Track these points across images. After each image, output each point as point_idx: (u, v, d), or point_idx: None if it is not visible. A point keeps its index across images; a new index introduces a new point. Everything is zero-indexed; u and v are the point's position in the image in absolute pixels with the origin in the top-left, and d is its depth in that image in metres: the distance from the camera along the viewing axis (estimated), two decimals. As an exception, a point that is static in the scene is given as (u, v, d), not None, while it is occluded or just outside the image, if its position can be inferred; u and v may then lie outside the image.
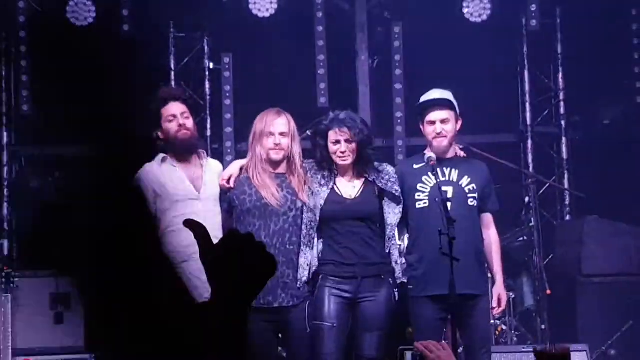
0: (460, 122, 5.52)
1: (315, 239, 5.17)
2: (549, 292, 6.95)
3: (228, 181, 5.22)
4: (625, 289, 7.08)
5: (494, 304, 5.35)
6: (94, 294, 1.85)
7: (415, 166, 5.46)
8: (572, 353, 6.02)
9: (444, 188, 5.30)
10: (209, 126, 8.26)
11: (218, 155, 8.17)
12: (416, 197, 5.33)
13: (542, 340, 6.63)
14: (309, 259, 5.12)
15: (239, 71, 8.14)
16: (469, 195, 5.36)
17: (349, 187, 5.32)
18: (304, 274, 5.12)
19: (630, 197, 7.61)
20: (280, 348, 5.86)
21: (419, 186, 5.34)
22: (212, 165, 5.35)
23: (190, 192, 5.19)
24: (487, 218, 5.45)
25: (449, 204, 5.18)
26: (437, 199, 5.25)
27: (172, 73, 8.19)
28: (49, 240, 2.02)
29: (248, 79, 8.14)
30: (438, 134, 5.41)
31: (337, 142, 5.30)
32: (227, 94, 8.11)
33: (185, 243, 5.12)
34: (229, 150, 8.11)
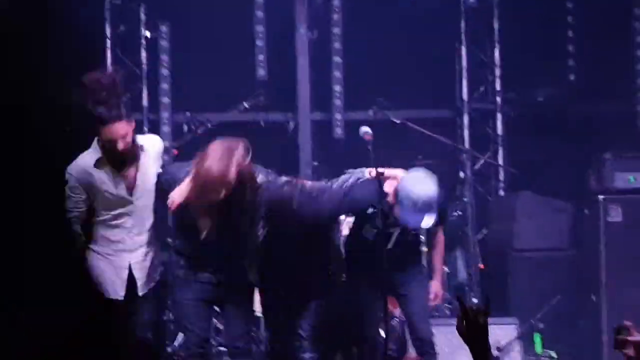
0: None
1: None
2: (481, 266, 7.06)
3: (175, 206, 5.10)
4: (556, 264, 7.23)
5: (432, 296, 5.52)
6: None
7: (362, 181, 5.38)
8: (502, 326, 6.16)
9: (391, 229, 5.30)
10: (145, 96, 8.16)
11: (154, 125, 8.09)
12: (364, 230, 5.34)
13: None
14: None
15: (177, 40, 8.05)
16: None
17: None
18: None
19: (562, 174, 7.75)
20: (215, 320, 5.88)
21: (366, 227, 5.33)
22: (148, 152, 5.20)
23: (124, 196, 5.12)
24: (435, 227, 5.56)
25: (391, 242, 5.24)
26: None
27: (108, 41, 8.06)
28: None
29: (185, 48, 8.05)
30: None
31: None
32: (165, 64, 8.02)
33: (115, 238, 5.11)
34: (165, 121, 8.03)
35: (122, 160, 5.10)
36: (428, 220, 5.09)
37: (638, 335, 3.05)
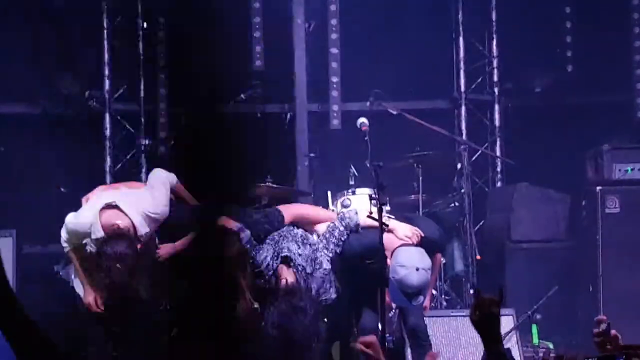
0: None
1: None
2: (478, 257, 7.06)
3: None
4: (552, 255, 7.23)
5: None
6: None
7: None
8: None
9: None
10: (142, 87, 8.15)
11: (151, 116, 8.08)
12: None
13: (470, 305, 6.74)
14: None
15: (173, 32, 8.03)
16: None
17: None
18: None
19: (559, 165, 7.75)
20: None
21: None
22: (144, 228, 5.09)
23: None
24: None
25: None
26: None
27: (105, 32, 8.04)
28: None
29: (182, 39, 8.03)
30: None
31: None
32: (161, 55, 8.00)
33: None
34: (162, 112, 8.02)
35: None
36: (416, 301, 5.15)
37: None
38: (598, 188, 6.95)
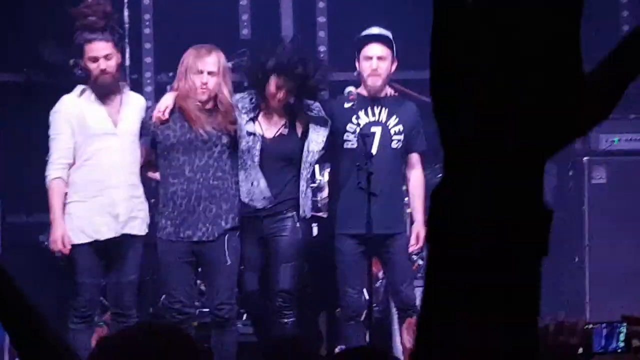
0: (395, 64, 5.54)
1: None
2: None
3: (164, 113, 5.18)
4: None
5: (412, 240, 5.45)
6: None
7: (345, 105, 5.44)
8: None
9: (372, 129, 5.33)
10: (127, 56, 8.06)
11: (137, 85, 8.01)
12: (345, 138, 5.36)
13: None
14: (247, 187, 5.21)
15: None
16: (394, 137, 5.42)
17: (271, 126, 5.34)
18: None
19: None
20: (199, 281, 5.87)
21: (348, 126, 5.35)
22: (132, 99, 5.27)
23: (107, 126, 5.14)
24: (414, 158, 5.54)
25: (374, 146, 5.26)
26: (359, 136, 5.29)
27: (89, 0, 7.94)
28: None
29: (168, 7, 7.95)
30: (374, 70, 5.40)
31: (278, 88, 5.28)
32: (147, 23, 7.93)
33: (97, 177, 5.11)
34: (148, 81, 7.96)
35: (102, 91, 5.13)
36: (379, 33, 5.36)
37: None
38: (585, 159, 6.95)
